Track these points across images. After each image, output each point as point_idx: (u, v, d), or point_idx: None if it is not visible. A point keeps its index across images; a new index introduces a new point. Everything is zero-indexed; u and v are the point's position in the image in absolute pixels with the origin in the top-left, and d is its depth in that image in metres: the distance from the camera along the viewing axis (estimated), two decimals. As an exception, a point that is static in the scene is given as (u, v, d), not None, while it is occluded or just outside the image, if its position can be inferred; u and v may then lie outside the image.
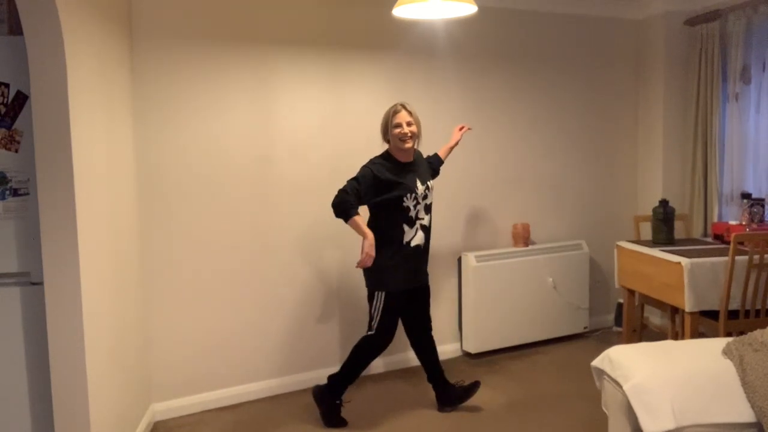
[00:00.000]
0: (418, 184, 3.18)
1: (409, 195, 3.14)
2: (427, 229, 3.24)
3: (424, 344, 3.38)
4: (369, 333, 3.21)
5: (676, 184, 4.58)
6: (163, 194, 3.34)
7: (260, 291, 3.61)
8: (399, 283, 3.18)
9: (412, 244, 3.17)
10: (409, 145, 3.13)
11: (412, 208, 3.15)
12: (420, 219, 3.19)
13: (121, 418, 2.84)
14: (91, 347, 2.44)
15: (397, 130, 3.11)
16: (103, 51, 2.71)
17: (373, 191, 3.10)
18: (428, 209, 3.24)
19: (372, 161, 3.17)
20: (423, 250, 3.25)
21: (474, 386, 3.40)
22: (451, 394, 3.40)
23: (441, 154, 3.56)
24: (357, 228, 3.06)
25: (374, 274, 3.17)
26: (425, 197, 3.20)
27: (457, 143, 3.59)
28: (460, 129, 3.61)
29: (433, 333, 3.41)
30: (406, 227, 3.16)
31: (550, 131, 4.48)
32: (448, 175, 3.87)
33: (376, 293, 3.17)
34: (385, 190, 3.11)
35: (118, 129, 2.93)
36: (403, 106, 3.16)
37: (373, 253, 3.05)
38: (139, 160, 3.26)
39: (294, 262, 3.69)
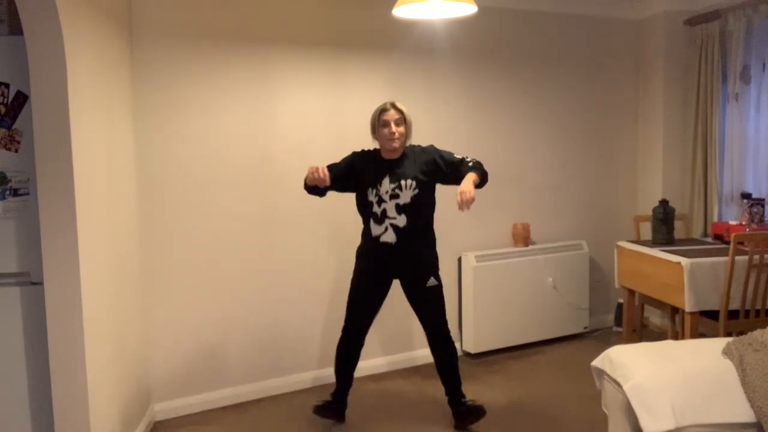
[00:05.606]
0: (386, 181, 3.03)
1: (370, 190, 3.05)
2: (401, 230, 3.03)
3: (433, 349, 3.20)
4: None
5: (676, 184, 4.58)
6: (163, 194, 3.33)
7: (261, 291, 3.60)
8: (362, 266, 3.16)
9: (382, 239, 3.06)
10: (396, 145, 3.04)
11: (375, 204, 3.05)
12: (390, 218, 3.03)
13: (121, 418, 2.84)
14: (91, 347, 2.44)
15: (386, 130, 3.02)
16: (103, 51, 2.71)
17: (345, 172, 3.07)
18: (402, 209, 3.02)
19: (363, 150, 3.18)
20: (396, 250, 3.05)
21: (477, 411, 3.15)
22: (457, 412, 3.17)
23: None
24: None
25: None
26: (394, 196, 3.02)
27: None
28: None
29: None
30: (372, 222, 3.08)
31: (550, 131, 4.48)
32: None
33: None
34: (356, 179, 3.09)
35: (118, 129, 2.93)
36: (393, 105, 3.06)
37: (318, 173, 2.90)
38: (139, 160, 3.26)
39: (295, 262, 3.69)
